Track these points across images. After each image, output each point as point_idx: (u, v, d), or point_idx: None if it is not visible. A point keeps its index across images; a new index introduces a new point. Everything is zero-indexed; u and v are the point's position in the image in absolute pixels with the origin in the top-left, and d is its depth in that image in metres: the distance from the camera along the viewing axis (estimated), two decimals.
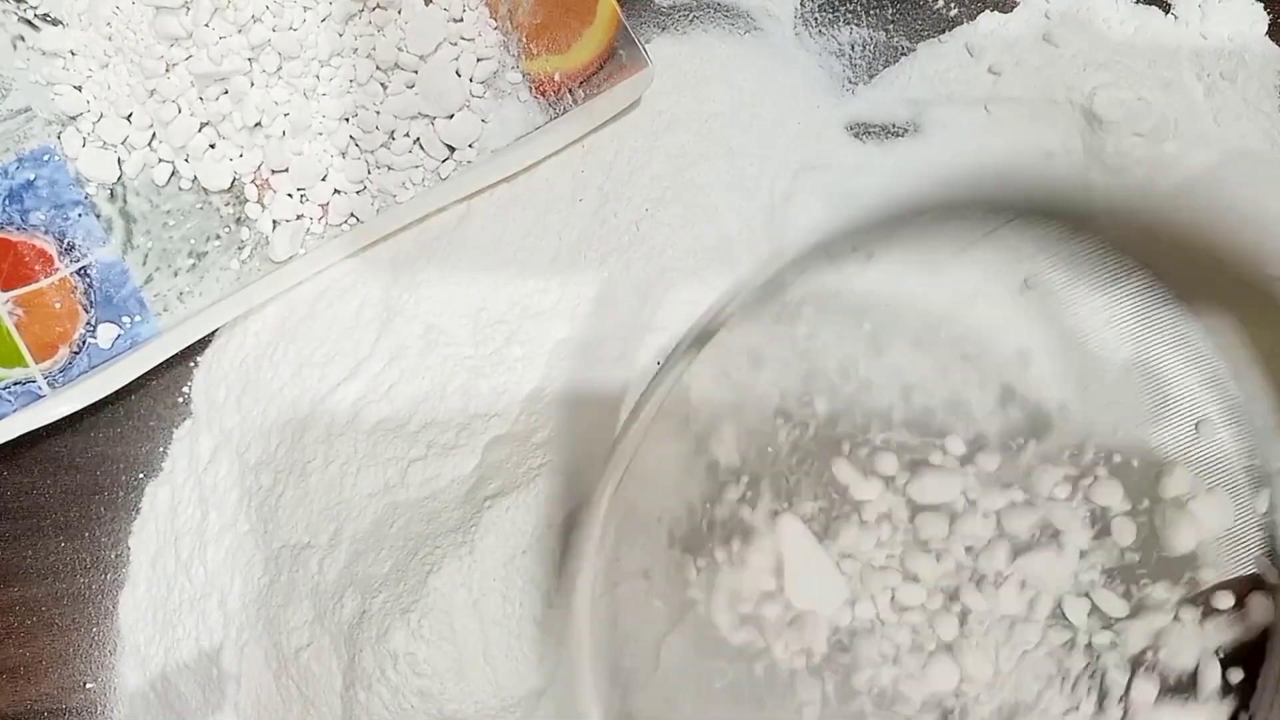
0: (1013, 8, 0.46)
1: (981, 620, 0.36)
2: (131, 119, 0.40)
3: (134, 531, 0.43)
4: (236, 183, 0.41)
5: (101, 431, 0.43)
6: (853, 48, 0.45)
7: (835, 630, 0.35)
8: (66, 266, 0.41)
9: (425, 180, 0.41)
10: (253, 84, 0.39)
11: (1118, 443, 0.37)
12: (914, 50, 0.45)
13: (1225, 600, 0.36)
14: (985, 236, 0.37)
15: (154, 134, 0.41)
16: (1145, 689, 0.35)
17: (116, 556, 0.42)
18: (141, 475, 0.43)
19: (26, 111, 0.40)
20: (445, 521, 0.36)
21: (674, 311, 0.40)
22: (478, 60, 0.41)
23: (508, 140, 0.41)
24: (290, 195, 0.41)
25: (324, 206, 0.41)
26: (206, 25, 0.38)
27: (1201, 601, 0.36)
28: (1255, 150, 0.47)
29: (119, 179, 0.41)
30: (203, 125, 0.40)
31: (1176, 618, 0.36)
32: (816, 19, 0.45)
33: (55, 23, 0.40)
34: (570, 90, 0.41)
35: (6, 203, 0.40)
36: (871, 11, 0.45)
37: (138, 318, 0.41)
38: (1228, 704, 0.35)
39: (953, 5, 0.46)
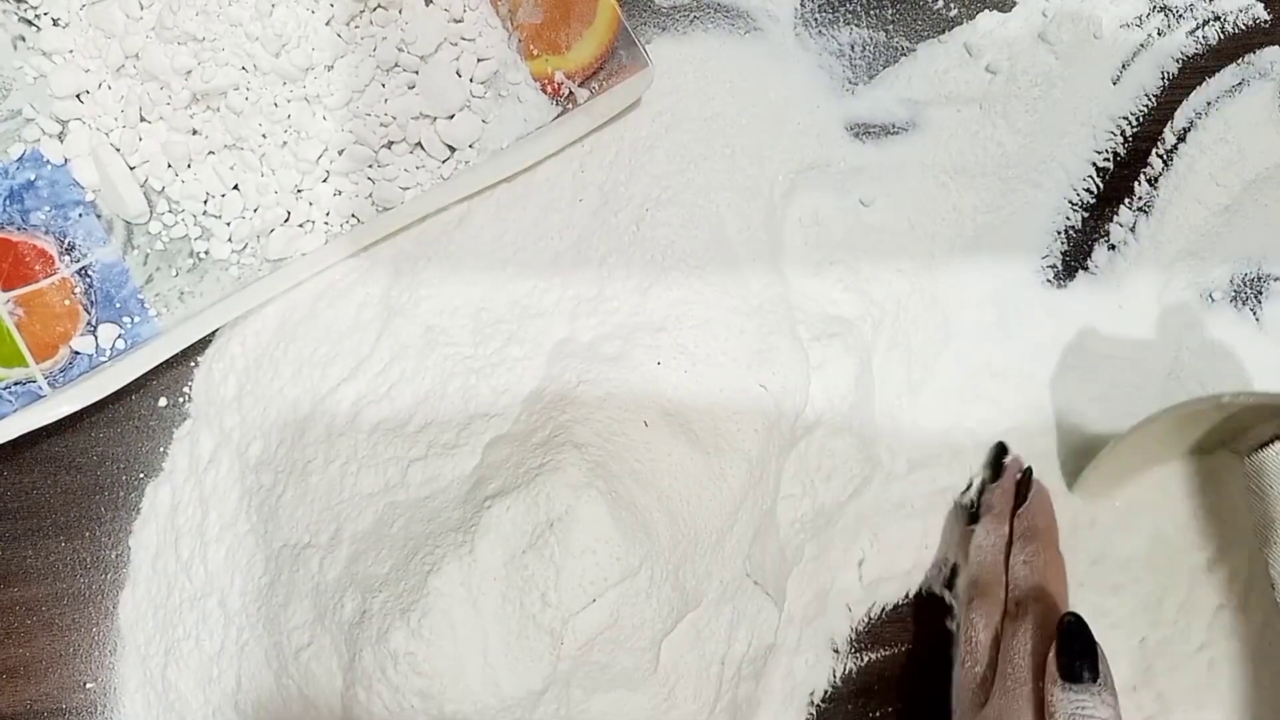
0: (1012, 7, 0.46)
1: None
2: (132, 120, 0.40)
3: (134, 531, 0.43)
4: (238, 183, 0.41)
5: (102, 431, 0.43)
6: (852, 48, 0.45)
7: None
8: (67, 267, 0.41)
9: (426, 181, 0.41)
10: (251, 85, 0.39)
11: None
12: (914, 50, 0.46)
13: None
14: None
15: (154, 134, 0.41)
16: None
17: (117, 556, 0.42)
18: (142, 475, 0.43)
19: (27, 111, 0.40)
20: (445, 521, 0.36)
21: (674, 311, 0.40)
22: (478, 61, 0.41)
23: (508, 140, 0.41)
24: (291, 196, 0.41)
25: (325, 208, 0.41)
26: (196, 21, 0.38)
27: None
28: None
29: (120, 180, 0.41)
30: (203, 126, 0.40)
31: None
32: (816, 19, 0.45)
33: (56, 22, 0.40)
34: (571, 90, 0.41)
35: (7, 203, 0.40)
36: (871, 12, 0.45)
37: (138, 318, 0.41)
38: None
39: (952, 5, 0.46)
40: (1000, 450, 0.46)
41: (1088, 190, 0.47)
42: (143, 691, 0.42)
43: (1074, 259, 0.47)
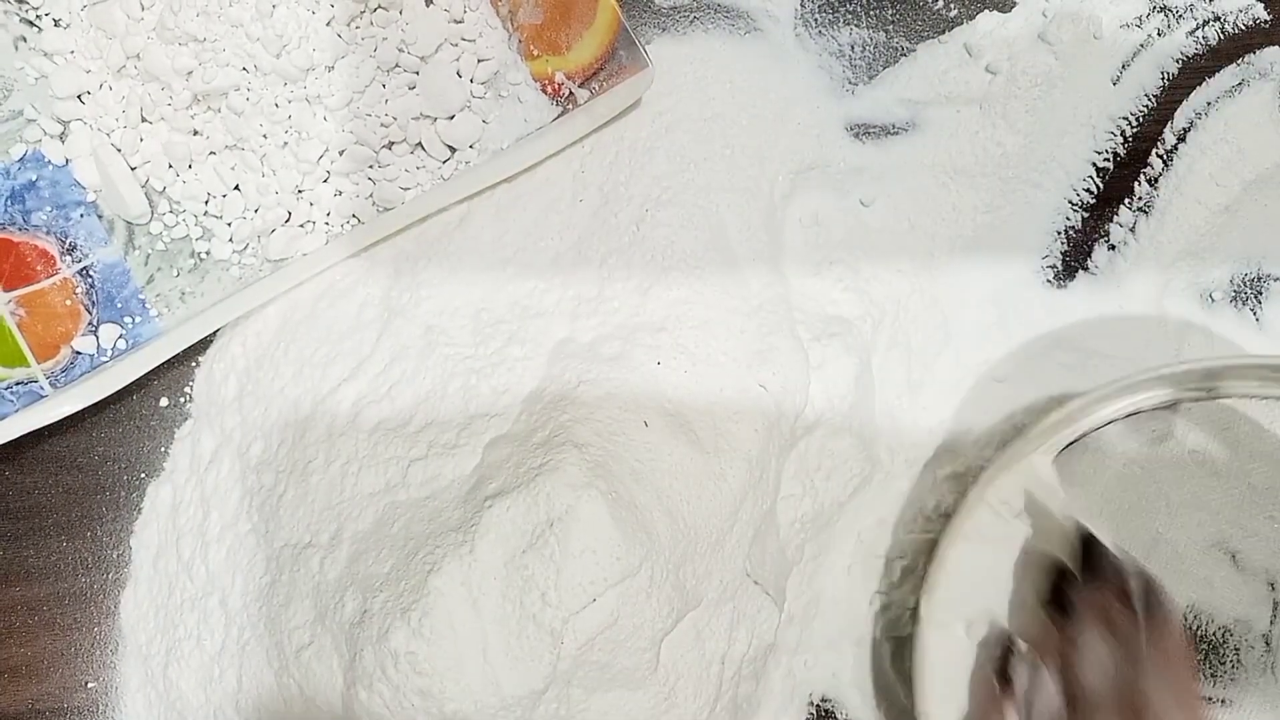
0: (1012, 7, 0.46)
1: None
2: (133, 120, 0.40)
3: (135, 531, 0.43)
4: (239, 184, 0.41)
5: (103, 431, 0.43)
6: (853, 48, 0.45)
7: None
8: (68, 267, 0.41)
9: (426, 181, 0.41)
10: (251, 86, 0.39)
11: None
12: (914, 50, 0.46)
13: None
14: None
15: (156, 135, 0.41)
16: None
17: (118, 556, 0.43)
18: (143, 475, 0.43)
19: (28, 112, 0.40)
20: (446, 521, 0.36)
21: (674, 311, 0.40)
22: (479, 61, 0.41)
23: (508, 141, 0.42)
24: (292, 197, 0.41)
25: (325, 208, 0.41)
26: (197, 22, 0.39)
27: None
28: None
29: (121, 180, 0.41)
30: (204, 127, 0.40)
31: None
32: (816, 20, 0.45)
33: (57, 23, 0.40)
34: (571, 91, 0.41)
35: (8, 203, 0.40)
36: (871, 12, 0.45)
37: (139, 318, 0.41)
38: None
39: (952, 5, 0.46)
40: (1091, 543, 0.38)
41: (1088, 190, 0.47)
42: (144, 691, 0.42)
43: (1074, 259, 0.47)
